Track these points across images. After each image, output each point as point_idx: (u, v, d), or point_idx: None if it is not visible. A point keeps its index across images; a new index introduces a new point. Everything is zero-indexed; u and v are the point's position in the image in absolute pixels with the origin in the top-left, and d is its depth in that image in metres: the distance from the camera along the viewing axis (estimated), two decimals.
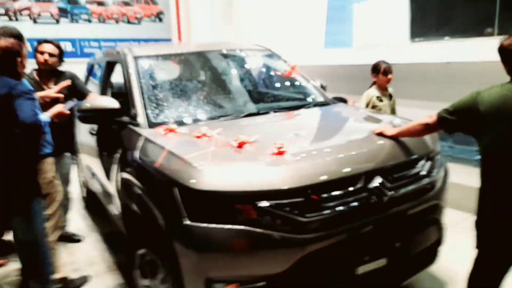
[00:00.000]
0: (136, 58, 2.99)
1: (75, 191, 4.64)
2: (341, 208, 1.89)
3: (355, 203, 1.94)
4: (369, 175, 2.01)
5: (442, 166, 2.47)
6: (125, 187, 2.46)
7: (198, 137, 2.23)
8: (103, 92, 3.48)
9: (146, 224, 2.12)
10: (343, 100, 3.44)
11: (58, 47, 3.28)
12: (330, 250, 1.87)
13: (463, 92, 1.95)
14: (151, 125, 2.52)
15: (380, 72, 3.72)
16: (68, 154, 3.44)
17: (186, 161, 1.94)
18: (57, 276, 2.85)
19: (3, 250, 3.23)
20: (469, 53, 4.25)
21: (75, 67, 4.05)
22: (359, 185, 1.97)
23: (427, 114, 2.07)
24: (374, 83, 3.82)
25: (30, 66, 3.10)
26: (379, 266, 2.06)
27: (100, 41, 7.23)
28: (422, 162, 2.28)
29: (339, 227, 1.89)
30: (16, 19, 6.47)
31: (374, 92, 3.75)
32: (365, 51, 6.74)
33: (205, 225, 1.77)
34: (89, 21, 7.14)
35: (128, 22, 7.51)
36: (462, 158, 5.45)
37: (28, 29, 6.48)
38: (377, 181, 2.00)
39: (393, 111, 3.84)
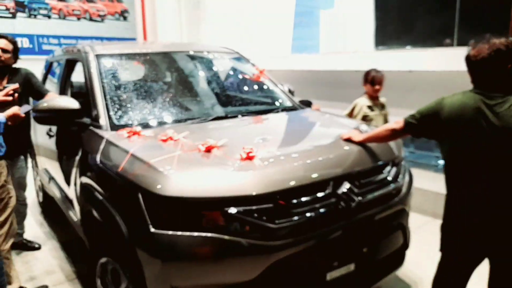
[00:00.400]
0: (98, 56, 2.86)
1: (32, 196, 4.40)
2: (310, 214, 1.87)
3: (324, 209, 1.93)
4: (337, 180, 2.01)
5: (407, 171, 2.52)
6: (85, 192, 2.33)
7: (164, 140, 2.15)
8: (62, 92, 3.31)
9: (108, 232, 2.01)
10: (308, 104, 3.42)
11: (13, 42, 3.09)
12: (300, 257, 1.85)
13: (425, 99, 2.01)
14: (114, 127, 2.41)
15: (368, 82, 3.60)
16: (22, 157, 3.24)
17: (151, 166, 1.85)
18: (11, 287, 2.67)
19: None
20: (429, 62, 4.41)
21: (32, 64, 3.85)
22: (327, 191, 1.96)
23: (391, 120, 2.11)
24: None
25: None
26: (347, 271, 2.06)
27: (60, 38, 6.91)
28: (388, 168, 2.31)
29: (308, 233, 1.87)
30: None
31: (364, 101, 3.62)
32: (331, 57, 6.86)
33: (170, 232, 1.70)
34: (49, 16, 6.81)
35: (91, 19, 7.23)
36: (423, 164, 5.66)
37: None
38: (345, 187, 2.01)
39: (385, 121, 3.65)
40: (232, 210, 1.71)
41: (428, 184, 3.96)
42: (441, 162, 2.80)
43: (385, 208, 2.21)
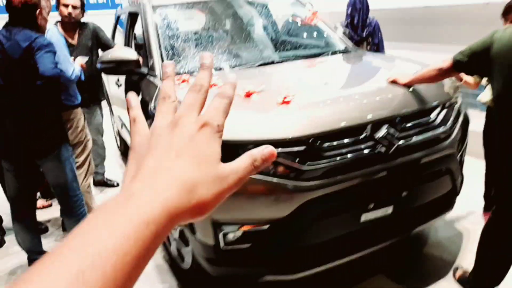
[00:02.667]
0: (154, 8, 3.01)
1: (112, 141, 4.93)
2: (343, 157, 1.91)
3: (359, 153, 1.94)
4: (375, 124, 1.99)
5: (461, 114, 2.38)
6: None
7: (210, 86, 2.27)
8: (126, 44, 3.56)
9: None
10: None
11: None
12: (332, 198, 1.92)
13: None
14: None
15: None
16: (97, 106, 3.62)
17: None
18: None
19: (48, 193, 3.55)
20: None
21: (107, 19, 4.15)
22: (364, 135, 1.96)
23: None
24: None
25: (54, 19, 3.23)
26: (384, 214, 2.09)
27: None
28: (436, 111, 2.21)
29: (341, 175, 1.91)
30: None
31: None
32: None
33: None
34: None
35: None
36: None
37: None
38: (383, 131, 1.99)
39: None
40: None
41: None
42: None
43: (430, 153, 2.15)
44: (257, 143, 1.82)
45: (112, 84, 3.71)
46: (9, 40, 2.18)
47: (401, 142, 2.03)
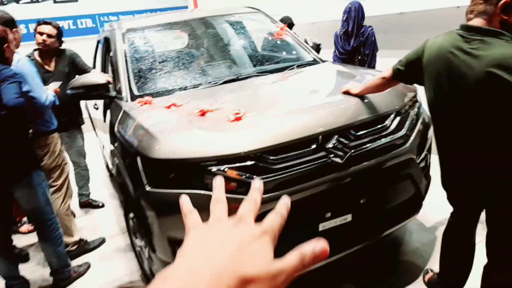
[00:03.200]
0: (124, 32, 3.10)
1: (100, 162, 5.02)
2: (295, 169, 1.95)
3: (311, 164, 1.98)
4: (326, 135, 2.03)
5: (419, 120, 2.41)
6: (112, 159, 2.66)
7: (168, 107, 2.34)
8: (103, 69, 3.66)
9: (125, 191, 2.31)
10: None
11: (57, 28, 3.46)
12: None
13: None
14: (133, 97, 2.66)
15: None
16: (76, 130, 3.70)
17: (147, 132, 2.07)
18: (72, 239, 3.19)
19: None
20: None
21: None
22: (314, 146, 2.00)
23: None
24: None
25: (31, 47, 3.35)
26: (344, 222, 2.12)
27: (119, 15, 7.40)
28: (390, 118, 2.24)
29: (293, 187, 1.95)
30: (38, 0, 6.77)
31: None
32: None
33: (162, 190, 1.92)
34: None
35: None
36: None
37: (48, 9, 6.80)
38: (334, 141, 2.03)
39: None
40: (214, 168, 1.87)
41: None
42: None
43: (387, 159, 2.18)
44: (205, 160, 1.88)
45: (91, 107, 3.80)
46: None
47: (354, 151, 2.06)
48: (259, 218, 0.45)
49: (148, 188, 1.95)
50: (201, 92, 2.62)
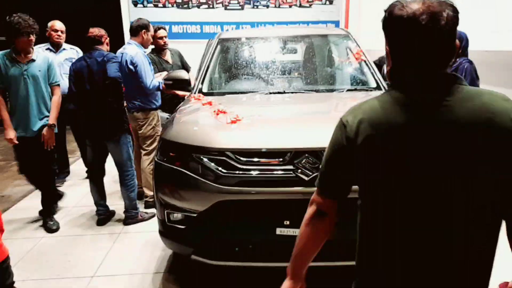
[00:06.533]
0: (217, 41, 3.81)
1: None
2: (260, 173, 2.27)
3: (278, 173, 2.27)
4: (297, 152, 2.27)
5: None
6: None
7: (204, 104, 2.92)
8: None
9: None
10: None
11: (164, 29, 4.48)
12: (245, 204, 2.30)
13: None
14: (200, 92, 3.34)
15: None
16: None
17: (172, 119, 2.70)
18: (151, 193, 4.11)
19: None
20: None
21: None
22: (282, 159, 2.27)
23: None
24: None
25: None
26: None
27: (274, 24, 8.32)
28: None
29: (255, 188, 2.27)
30: (213, 7, 8.24)
31: None
32: None
33: (162, 163, 2.52)
34: (267, 6, 8.31)
35: (300, 6, 8.31)
36: None
37: (219, 15, 8.22)
38: (302, 160, 2.25)
39: None
40: (194, 154, 2.36)
41: None
42: None
43: (353, 190, 2.24)
44: (191, 147, 2.40)
45: None
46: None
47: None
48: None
49: (156, 159, 2.59)
50: (242, 97, 3.10)
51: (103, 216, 3.76)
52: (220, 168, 2.31)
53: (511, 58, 3.98)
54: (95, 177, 3.72)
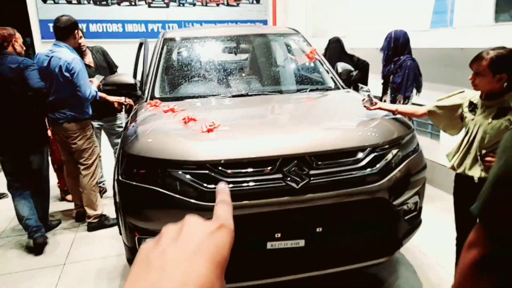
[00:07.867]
0: (164, 40, 3.47)
1: None
2: (247, 185, 2.06)
3: (266, 184, 2.07)
4: (285, 159, 2.10)
5: (402, 164, 2.32)
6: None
7: (166, 111, 2.61)
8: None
9: None
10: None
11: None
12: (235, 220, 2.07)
13: None
14: (153, 99, 2.99)
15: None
16: (115, 117, 4.21)
17: (134, 131, 2.35)
18: (94, 212, 3.63)
19: None
20: None
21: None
22: (271, 168, 2.09)
23: None
24: None
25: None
26: (295, 246, 2.15)
27: (202, 23, 8.03)
28: (360, 154, 2.22)
29: (243, 201, 2.06)
30: (135, 4, 7.67)
31: (471, 94, 2.28)
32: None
33: (129, 181, 2.17)
34: (194, 4, 7.99)
35: (228, 4, 8.13)
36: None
37: (143, 13, 7.69)
38: (292, 167, 2.09)
39: (496, 136, 2.08)
40: (173, 170, 2.07)
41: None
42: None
43: (350, 193, 2.16)
44: (164, 161, 2.09)
45: None
46: None
47: (313, 178, 2.10)
48: None
49: (119, 178, 2.23)
50: (206, 102, 2.84)
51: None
52: (201, 183, 2.05)
53: (446, 55, 4.25)
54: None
